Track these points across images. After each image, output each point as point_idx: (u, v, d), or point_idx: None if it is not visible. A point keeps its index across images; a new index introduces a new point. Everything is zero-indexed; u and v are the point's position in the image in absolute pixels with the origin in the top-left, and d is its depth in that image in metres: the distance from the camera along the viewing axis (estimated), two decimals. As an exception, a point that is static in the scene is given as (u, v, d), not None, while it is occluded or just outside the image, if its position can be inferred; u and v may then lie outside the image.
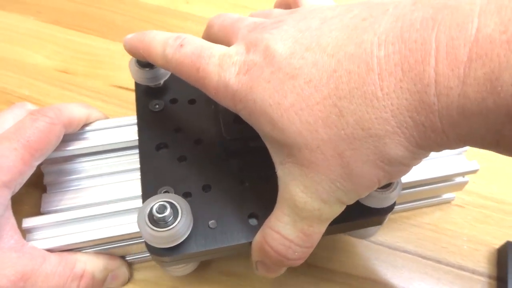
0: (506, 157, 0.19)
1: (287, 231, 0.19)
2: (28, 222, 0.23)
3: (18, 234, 0.22)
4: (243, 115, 0.19)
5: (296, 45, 0.18)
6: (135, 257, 0.26)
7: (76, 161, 0.27)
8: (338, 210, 0.19)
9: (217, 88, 0.19)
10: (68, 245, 0.23)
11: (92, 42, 0.39)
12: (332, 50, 0.17)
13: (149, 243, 0.20)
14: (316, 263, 0.27)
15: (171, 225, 0.19)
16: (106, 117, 0.29)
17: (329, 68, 0.17)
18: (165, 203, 0.19)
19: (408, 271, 0.27)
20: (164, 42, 0.21)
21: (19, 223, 0.23)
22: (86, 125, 0.27)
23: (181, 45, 0.21)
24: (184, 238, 0.20)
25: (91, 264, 0.23)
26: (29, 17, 0.41)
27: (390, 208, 0.22)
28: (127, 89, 0.35)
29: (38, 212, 0.25)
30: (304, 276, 0.27)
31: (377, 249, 0.28)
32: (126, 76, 0.36)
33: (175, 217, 0.19)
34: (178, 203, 0.20)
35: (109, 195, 0.25)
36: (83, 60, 0.38)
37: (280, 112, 0.17)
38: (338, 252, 0.27)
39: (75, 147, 0.26)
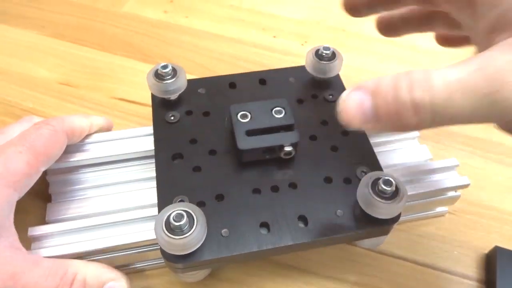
0: (494, 165, 0.21)
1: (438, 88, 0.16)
2: (33, 231, 0.24)
3: (15, 236, 0.22)
4: None
5: None
6: (138, 265, 0.27)
7: (81, 171, 0.28)
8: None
9: None
10: (73, 253, 0.24)
11: (94, 55, 0.41)
12: None
13: (165, 250, 0.21)
14: (300, 266, 0.28)
15: (187, 233, 0.20)
16: (108, 122, 0.30)
17: None
18: (181, 211, 0.20)
19: (400, 276, 0.28)
20: None
21: (25, 232, 0.24)
22: (89, 136, 0.28)
23: None
24: (199, 246, 0.21)
25: (83, 270, 0.23)
26: (32, 31, 0.42)
27: (396, 219, 0.23)
28: (128, 101, 0.37)
29: (43, 221, 0.26)
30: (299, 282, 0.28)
31: (369, 255, 0.29)
32: (127, 89, 0.38)
33: (191, 225, 0.21)
34: (194, 212, 0.21)
35: (114, 204, 0.26)
36: (85, 73, 0.39)
37: None
38: (333, 258, 0.29)
39: (80, 158, 0.27)
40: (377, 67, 0.41)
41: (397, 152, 0.31)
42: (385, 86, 0.17)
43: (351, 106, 0.18)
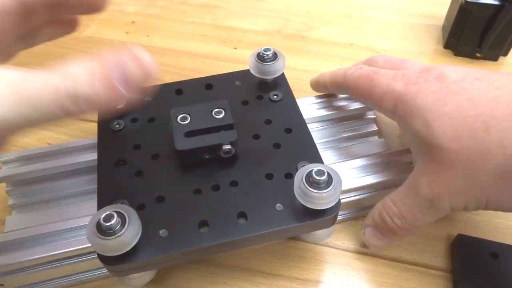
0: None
1: (402, 208, 0.25)
2: None
3: None
4: (398, 115, 0.26)
5: (467, 75, 0.24)
6: (95, 273, 0.28)
7: (38, 183, 0.30)
8: (446, 211, 0.24)
9: (383, 94, 0.26)
10: (28, 260, 0.25)
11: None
12: (499, 85, 0.23)
13: (99, 252, 0.22)
14: (266, 269, 0.29)
15: (118, 233, 0.21)
16: None
17: (491, 95, 0.22)
18: (111, 212, 0.21)
19: (365, 271, 0.29)
20: (347, 69, 0.30)
21: None
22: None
23: (360, 68, 0.29)
24: (132, 245, 0.22)
25: None
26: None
27: (334, 209, 0.24)
28: (89, 120, 0.38)
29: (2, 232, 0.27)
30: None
31: (333, 252, 0.30)
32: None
33: (123, 225, 0.21)
34: (125, 212, 0.22)
35: (72, 213, 0.28)
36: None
37: (436, 116, 0.23)
38: (294, 257, 0.29)
39: (36, 169, 0.29)
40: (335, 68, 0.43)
41: (356, 147, 0.33)
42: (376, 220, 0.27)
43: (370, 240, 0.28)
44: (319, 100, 0.34)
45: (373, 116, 0.34)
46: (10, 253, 0.25)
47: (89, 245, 0.25)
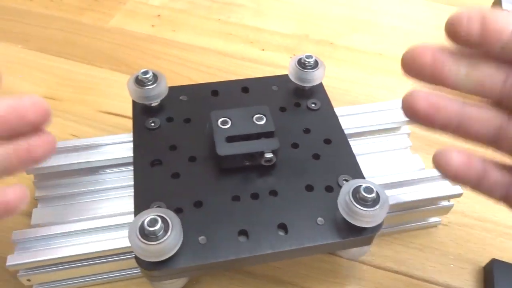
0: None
1: None
2: (17, 235, 0.25)
3: None
4: None
5: None
6: (123, 273, 0.27)
7: (67, 177, 0.29)
8: None
9: None
10: (55, 258, 0.24)
11: (79, 69, 0.42)
12: None
13: (139, 256, 0.21)
14: (297, 281, 0.28)
15: (161, 239, 0.21)
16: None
17: None
18: (156, 217, 0.21)
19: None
20: None
21: (9, 235, 0.25)
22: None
23: None
24: (174, 252, 0.21)
25: None
26: (16, 45, 0.43)
27: (377, 228, 0.24)
28: (114, 114, 0.37)
29: (28, 224, 0.27)
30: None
31: (365, 269, 0.29)
32: (113, 102, 0.39)
33: (166, 231, 0.21)
34: (169, 218, 0.21)
35: (100, 211, 0.27)
36: (69, 87, 0.40)
37: None
38: (325, 272, 0.29)
39: (66, 162, 0.28)
40: (364, 79, 0.42)
41: (389, 161, 0.32)
42: None
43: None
44: (351, 111, 0.33)
45: (408, 132, 0.34)
46: (38, 249, 0.25)
47: (119, 246, 0.25)
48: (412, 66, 0.20)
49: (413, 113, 0.20)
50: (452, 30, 0.19)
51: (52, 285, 0.27)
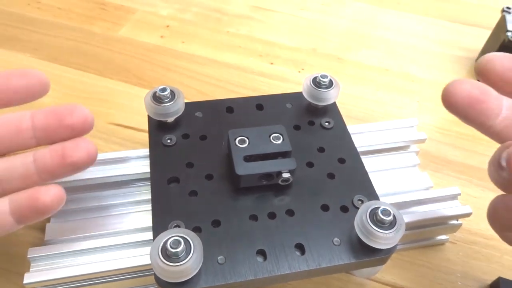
0: (492, 195, 0.22)
1: None
2: (33, 252, 0.25)
3: None
4: None
5: None
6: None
7: (81, 192, 0.29)
8: None
9: None
10: (71, 276, 0.24)
11: (89, 79, 0.42)
12: None
13: (160, 277, 0.21)
14: None
15: (183, 260, 0.21)
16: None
17: None
18: (179, 238, 0.21)
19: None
20: None
21: (24, 252, 0.25)
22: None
23: None
24: (195, 273, 0.22)
25: None
26: (25, 54, 0.43)
27: (393, 248, 0.24)
28: (126, 127, 0.38)
29: (42, 240, 0.27)
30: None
31: (373, 285, 0.30)
32: (124, 114, 0.39)
33: (188, 252, 0.21)
34: (191, 239, 0.21)
35: (114, 226, 0.27)
36: (79, 98, 0.40)
37: None
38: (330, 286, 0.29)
39: (81, 177, 0.28)
40: (372, 95, 0.43)
41: (398, 179, 0.32)
42: None
43: None
44: (359, 130, 0.34)
45: (416, 150, 0.34)
46: (54, 267, 0.25)
47: (136, 264, 0.25)
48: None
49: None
50: None
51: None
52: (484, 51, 0.46)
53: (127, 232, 0.27)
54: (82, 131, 0.23)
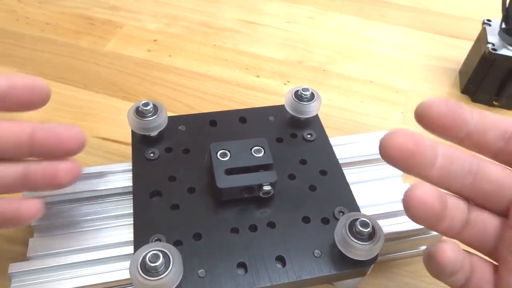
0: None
1: None
2: (14, 268, 0.25)
3: None
4: None
5: None
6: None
7: (65, 205, 0.29)
8: None
9: None
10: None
11: (76, 93, 0.42)
12: None
13: (140, 292, 0.21)
14: None
15: (162, 274, 0.21)
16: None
17: None
18: (157, 252, 0.21)
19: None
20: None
21: (5, 268, 0.25)
22: None
23: None
24: (174, 287, 0.22)
25: None
26: (12, 69, 0.44)
27: (373, 260, 0.24)
28: (112, 140, 0.38)
29: (24, 256, 0.27)
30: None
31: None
32: (110, 128, 0.39)
33: (167, 266, 0.21)
34: (170, 252, 0.22)
35: (97, 241, 0.27)
36: (66, 112, 0.40)
37: None
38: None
39: (65, 192, 0.28)
40: (356, 106, 0.44)
41: (381, 190, 0.33)
42: None
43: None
44: (342, 141, 0.34)
45: (399, 160, 0.35)
46: (35, 283, 0.25)
47: (118, 278, 0.25)
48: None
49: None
50: None
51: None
52: (466, 63, 0.47)
53: (110, 246, 0.27)
54: (75, 153, 0.24)
